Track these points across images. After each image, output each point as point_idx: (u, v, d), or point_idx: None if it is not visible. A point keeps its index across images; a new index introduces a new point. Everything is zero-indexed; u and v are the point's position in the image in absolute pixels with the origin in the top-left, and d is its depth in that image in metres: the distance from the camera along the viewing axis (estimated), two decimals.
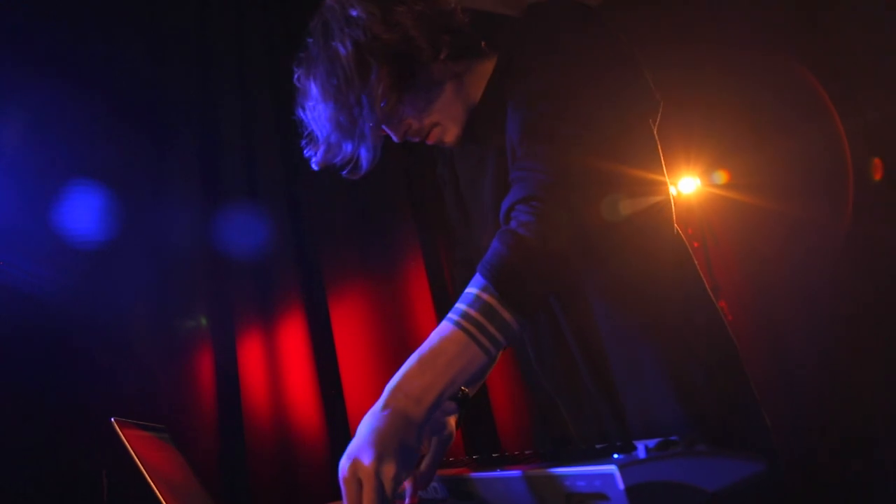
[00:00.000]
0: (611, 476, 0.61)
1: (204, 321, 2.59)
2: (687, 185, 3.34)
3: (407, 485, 1.00)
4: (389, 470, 0.80)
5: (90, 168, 2.45)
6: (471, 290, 0.90)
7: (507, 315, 0.88)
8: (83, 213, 2.41)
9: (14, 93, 2.37)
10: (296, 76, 1.10)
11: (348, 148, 1.07)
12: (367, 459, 0.80)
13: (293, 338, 2.70)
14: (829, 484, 2.71)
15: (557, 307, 1.07)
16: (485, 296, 0.88)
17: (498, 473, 0.77)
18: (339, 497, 0.86)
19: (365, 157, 1.08)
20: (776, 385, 2.85)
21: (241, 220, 2.69)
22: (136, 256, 2.51)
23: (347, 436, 2.56)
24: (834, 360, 2.73)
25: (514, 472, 0.75)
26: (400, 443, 0.82)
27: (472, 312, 0.88)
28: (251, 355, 2.61)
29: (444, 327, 0.89)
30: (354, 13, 1.03)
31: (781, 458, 1.02)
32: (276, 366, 2.64)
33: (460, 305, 0.90)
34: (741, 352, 1.07)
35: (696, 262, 1.11)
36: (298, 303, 2.75)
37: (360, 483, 0.80)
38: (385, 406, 0.85)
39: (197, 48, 2.89)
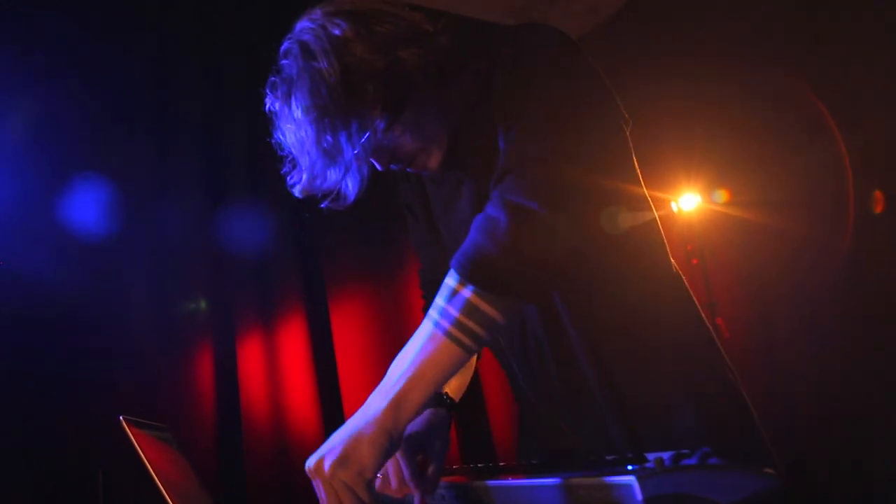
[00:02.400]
0: (629, 487, 0.62)
1: (204, 304, 2.58)
2: (688, 202, 3.36)
3: (414, 492, 1.00)
4: (343, 475, 0.81)
5: (93, 167, 2.45)
6: (449, 281, 0.89)
7: (488, 309, 0.86)
8: (85, 212, 2.40)
9: (17, 91, 2.37)
10: (270, 100, 1.01)
11: (334, 175, 0.98)
12: (327, 462, 0.82)
13: (293, 339, 2.70)
14: (827, 498, 2.72)
15: (567, 319, 1.07)
16: (462, 290, 0.86)
17: (512, 482, 0.77)
18: None
19: (352, 185, 1.01)
20: (774, 401, 2.86)
21: (242, 220, 2.69)
22: (138, 256, 2.50)
23: None
24: (832, 378, 2.74)
25: (529, 481, 0.75)
26: (369, 447, 0.82)
27: (450, 308, 0.86)
28: (251, 356, 2.60)
29: (424, 326, 0.89)
30: (338, 32, 0.96)
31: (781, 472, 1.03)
32: (275, 367, 2.64)
33: (439, 301, 0.88)
34: (739, 367, 1.09)
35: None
36: (299, 304, 2.75)
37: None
38: (365, 407, 0.86)
39: (200, 47, 2.89)
